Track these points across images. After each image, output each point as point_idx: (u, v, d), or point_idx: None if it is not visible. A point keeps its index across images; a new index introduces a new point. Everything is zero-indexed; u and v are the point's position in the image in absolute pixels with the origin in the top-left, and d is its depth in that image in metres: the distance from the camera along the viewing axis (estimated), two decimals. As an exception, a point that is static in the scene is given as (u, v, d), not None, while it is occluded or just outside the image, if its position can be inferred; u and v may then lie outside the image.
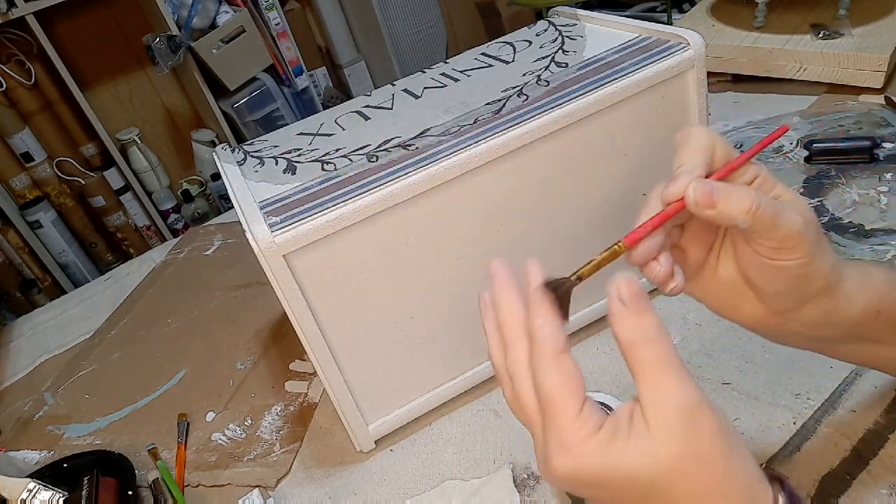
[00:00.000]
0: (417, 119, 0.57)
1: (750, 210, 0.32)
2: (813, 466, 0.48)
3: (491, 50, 0.68)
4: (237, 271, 0.96)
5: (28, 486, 0.56)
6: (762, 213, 0.32)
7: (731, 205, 0.32)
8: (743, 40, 1.00)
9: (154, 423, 0.72)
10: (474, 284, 0.57)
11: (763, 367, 0.57)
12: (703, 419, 0.28)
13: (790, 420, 0.52)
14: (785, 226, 0.33)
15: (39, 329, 0.97)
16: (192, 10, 1.97)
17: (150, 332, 0.88)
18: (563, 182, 0.56)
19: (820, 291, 0.35)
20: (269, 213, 0.49)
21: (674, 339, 0.62)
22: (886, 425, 0.49)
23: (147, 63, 2.17)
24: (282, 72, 2.24)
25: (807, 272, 0.34)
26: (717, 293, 0.39)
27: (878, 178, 0.74)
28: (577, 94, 0.53)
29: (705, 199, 0.33)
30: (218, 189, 2.28)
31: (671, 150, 0.37)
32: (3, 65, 1.93)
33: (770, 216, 0.32)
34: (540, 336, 0.30)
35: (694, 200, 0.33)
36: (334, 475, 0.60)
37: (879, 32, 0.92)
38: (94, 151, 2.15)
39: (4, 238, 2.00)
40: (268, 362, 0.76)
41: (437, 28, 2.45)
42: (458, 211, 0.53)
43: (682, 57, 0.56)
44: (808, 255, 0.33)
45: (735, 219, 0.33)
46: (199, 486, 0.63)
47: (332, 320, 0.52)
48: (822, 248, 0.34)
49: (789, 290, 0.35)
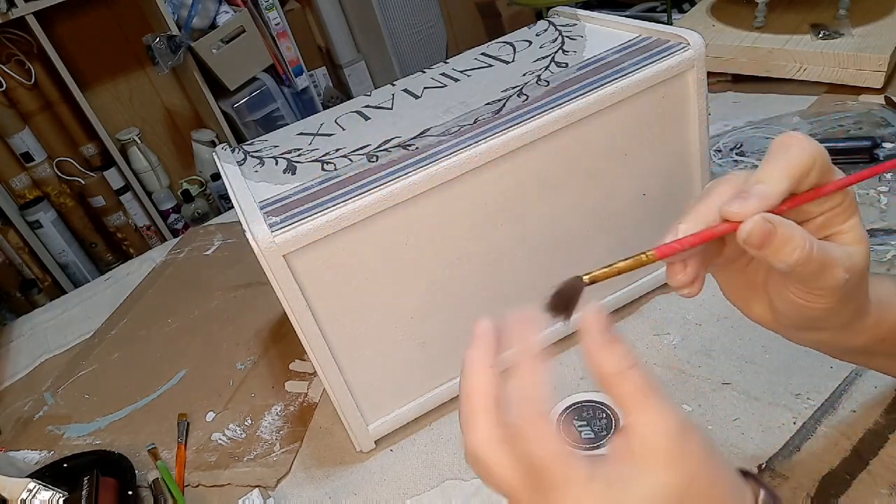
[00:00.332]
0: (417, 119, 0.57)
1: (797, 263, 0.30)
2: (813, 466, 0.48)
3: (491, 50, 0.68)
4: (237, 271, 0.96)
5: (28, 486, 0.56)
6: (806, 267, 0.30)
7: (780, 253, 0.30)
8: (743, 40, 1.00)
9: (154, 423, 0.72)
10: (474, 284, 0.57)
11: (763, 367, 0.57)
12: (691, 439, 0.28)
13: (790, 420, 0.52)
14: (825, 279, 0.31)
15: (39, 329, 0.97)
16: (192, 10, 1.97)
17: (150, 332, 0.88)
18: (563, 182, 0.56)
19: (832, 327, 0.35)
20: (269, 213, 0.49)
21: (673, 339, 0.62)
22: (886, 425, 0.49)
23: (147, 63, 2.17)
24: (282, 72, 2.24)
25: (827, 315, 0.33)
26: (735, 284, 0.38)
27: (878, 178, 0.74)
28: (577, 94, 0.53)
29: (758, 241, 0.30)
30: (218, 189, 2.28)
31: (671, 150, 0.37)
32: (3, 65, 1.93)
33: (813, 272, 0.31)
34: (531, 402, 0.28)
35: (746, 236, 0.30)
36: (334, 475, 0.60)
37: (879, 32, 0.92)
38: (94, 151, 2.15)
39: (4, 238, 2.00)
40: (268, 362, 0.76)
41: (437, 28, 2.45)
42: (458, 211, 0.53)
43: (682, 57, 0.56)
44: (837, 303, 0.32)
45: (776, 264, 0.31)
46: (199, 486, 0.63)
47: (332, 320, 0.52)
48: (856, 294, 0.33)
49: (803, 321, 0.34)
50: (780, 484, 0.47)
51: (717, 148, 0.88)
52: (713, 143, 0.88)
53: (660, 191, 0.61)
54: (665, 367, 0.60)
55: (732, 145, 0.88)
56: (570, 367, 0.63)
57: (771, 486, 0.29)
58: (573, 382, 0.61)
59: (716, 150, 0.88)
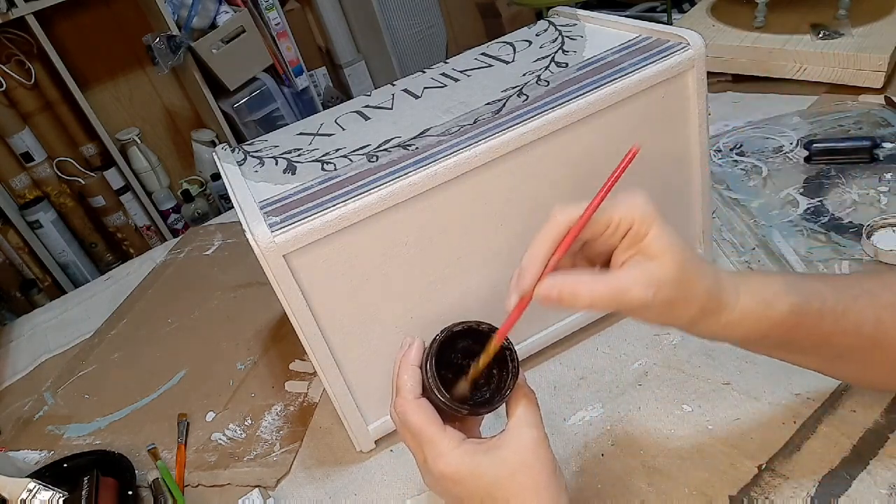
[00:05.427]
0: (417, 119, 0.57)
1: (590, 307, 0.37)
2: (813, 466, 0.48)
3: (491, 50, 0.68)
4: (237, 271, 0.96)
5: (28, 486, 0.56)
6: (601, 305, 0.37)
7: (575, 304, 0.37)
8: (743, 40, 1.00)
9: (154, 423, 0.72)
10: (474, 284, 0.57)
11: (763, 367, 0.57)
12: (543, 451, 0.39)
13: (790, 419, 0.52)
14: (627, 303, 0.36)
15: (39, 329, 0.97)
16: (192, 10, 1.97)
17: (150, 332, 0.88)
18: (563, 182, 0.56)
19: (700, 315, 0.38)
20: (269, 213, 0.49)
21: (673, 339, 0.62)
22: (886, 425, 0.49)
23: (147, 63, 2.17)
24: (282, 72, 2.24)
25: (672, 314, 0.38)
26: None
27: (878, 178, 0.74)
28: (577, 94, 0.53)
29: (551, 303, 0.37)
30: (218, 189, 2.28)
31: (671, 150, 0.37)
32: (3, 65, 1.93)
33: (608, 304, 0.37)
34: (404, 391, 0.41)
35: (542, 302, 0.38)
36: (334, 475, 0.60)
37: (879, 32, 0.92)
38: (94, 151, 2.15)
39: (4, 238, 2.00)
40: (268, 362, 0.76)
41: (437, 28, 2.45)
42: (458, 211, 0.53)
43: (682, 57, 0.56)
44: (664, 308, 0.37)
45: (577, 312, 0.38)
46: (199, 486, 0.63)
47: (332, 320, 0.52)
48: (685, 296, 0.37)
49: (667, 321, 0.39)
50: (780, 484, 0.47)
51: (717, 148, 0.88)
52: (713, 143, 0.88)
53: (660, 191, 0.61)
54: (665, 367, 0.60)
55: (732, 145, 0.88)
56: (570, 366, 0.63)
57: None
58: (573, 382, 0.61)
59: (716, 150, 0.88)
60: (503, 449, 0.39)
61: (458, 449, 0.39)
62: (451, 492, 0.40)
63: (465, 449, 0.39)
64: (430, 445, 0.40)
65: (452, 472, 0.39)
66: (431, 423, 0.40)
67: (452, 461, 0.39)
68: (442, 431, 0.40)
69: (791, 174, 0.79)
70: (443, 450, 0.39)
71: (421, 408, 0.41)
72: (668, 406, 0.56)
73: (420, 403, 0.41)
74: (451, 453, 0.39)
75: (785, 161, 0.81)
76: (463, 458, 0.39)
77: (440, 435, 0.40)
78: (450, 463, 0.39)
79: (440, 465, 0.39)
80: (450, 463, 0.39)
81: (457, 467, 0.39)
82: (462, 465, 0.39)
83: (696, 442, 0.52)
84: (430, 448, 0.40)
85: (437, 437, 0.40)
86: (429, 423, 0.40)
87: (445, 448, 0.39)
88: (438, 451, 0.39)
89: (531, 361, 0.64)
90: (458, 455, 0.39)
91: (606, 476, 0.52)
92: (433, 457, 0.39)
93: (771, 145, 0.85)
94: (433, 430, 0.40)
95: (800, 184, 0.77)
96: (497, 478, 0.38)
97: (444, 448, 0.39)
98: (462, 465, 0.39)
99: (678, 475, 0.50)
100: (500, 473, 0.38)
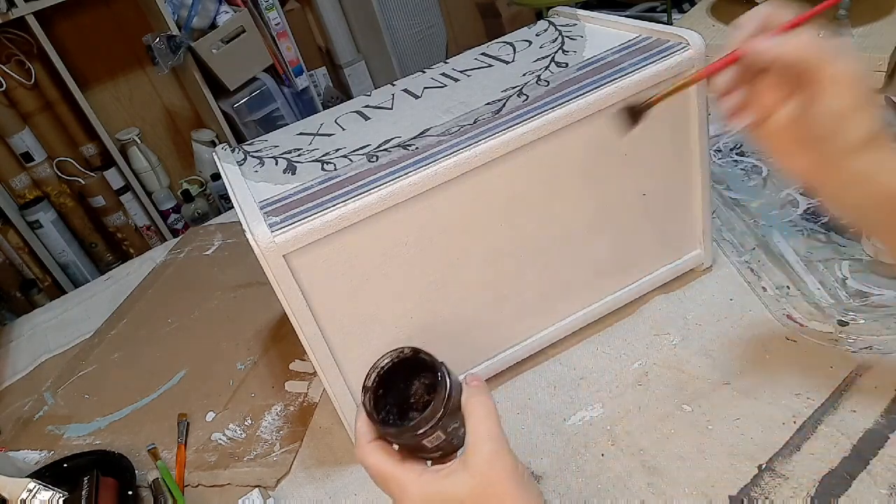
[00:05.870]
0: (417, 119, 0.57)
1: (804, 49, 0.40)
2: (813, 466, 0.48)
3: (491, 50, 0.68)
4: (237, 271, 0.96)
5: (28, 486, 0.56)
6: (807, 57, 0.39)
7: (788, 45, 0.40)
8: (743, 40, 1.00)
9: (154, 423, 0.72)
10: (474, 284, 0.57)
11: (763, 367, 0.57)
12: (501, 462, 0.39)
13: (790, 419, 0.52)
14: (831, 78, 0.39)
15: (39, 329, 0.97)
16: (192, 10, 1.97)
17: (150, 332, 0.88)
18: (562, 182, 0.56)
19: (862, 143, 0.40)
20: (269, 213, 0.49)
21: (673, 339, 0.62)
22: (886, 425, 0.49)
23: (147, 63, 2.17)
24: (282, 72, 2.24)
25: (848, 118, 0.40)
26: (777, 138, 0.44)
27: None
28: (577, 94, 0.53)
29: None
30: (218, 189, 2.28)
31: (671, 150, 0.38)
32: (3, 65, 1.92)
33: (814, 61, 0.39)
34: (359, 437, 0.42)
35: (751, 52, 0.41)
36: (334, 475, 0.60)
37: (879, 32, 0.92)
38: (94, 151, 2.15)
39: (4, 238, 2.00)
40: (268, 362, 0.76)
41: (437, 28, 2.45)
42: (458, 211, 0.53)
43: (682, 57, 0.56)
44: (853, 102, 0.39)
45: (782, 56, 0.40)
46: (199, 486, 0.63)
47: (332, 320, 0.52)
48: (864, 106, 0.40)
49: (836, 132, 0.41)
50: (780, 484, 0.47)
51: (717, 148, 0.88)
52: (713, 143, 0.88)
53: (660, 191, 0.61)
54: (665, 367, 0.60)
55: (732, 145, 0.88)
56: (570, 366, 0.63)
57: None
58: (573, 382, 0.61)
59: (716, 150, 0.88)
60: (462, 471, 0.39)
61: (419, 480, 0.40)
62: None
63: (426, 479, 0.40)
64: (394, 483, 0.40)
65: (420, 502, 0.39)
66: (388, 461, 0.41)
67: (416, 492, 0.39)
68: (400, 466, 0.41)
69: (791, 174, 0.79)
70: (405, 483, 0.40)
71: (376, 450, 0.41)
72: (668, 406, 0.56)
73: (374, 446, 0.41)
74: (413, 485, 0.40)
75: (785, 161, 0.81)
76: (426, 488, 0.39)
77: (399, 470, 0.40)
78: (414, 494, 0.39)
79: (406, 500, 0.40)
80: (414, 494, 0.39)
81: (422, 498, 0.39)
82: (426, 494, 0.39)
83: (696, 442, 0.52)
84: (395, 485, 0.40)
85: (397, 472, 0.40)
86: (385, 461, 0.41)
87: (407, 481, 0.40)
88: (401, 486, 0.40)
89: (531, 361, 0.64)
90: (420, 485, 0.39)
91: (606, 476, 0.52)
92: (399, 493, 0.40)
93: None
94: (390, 466, 0.41)
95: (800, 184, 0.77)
96: (462, 500, 0.38)
97: (406, 481, 0.40)
98: (426, 494, 0.39)
99: (678, 475, 0.50)
100: (464, 495, 0.38)
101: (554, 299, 0.62)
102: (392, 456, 0.41)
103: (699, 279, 0.68)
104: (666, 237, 0.64)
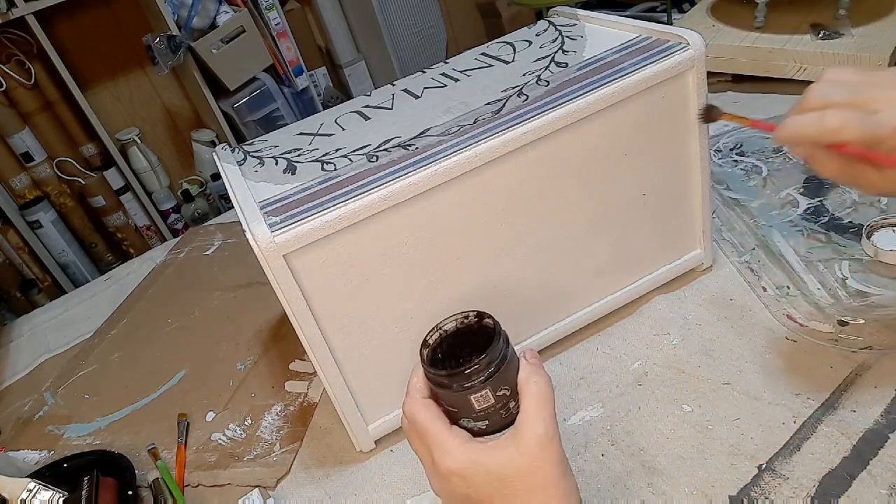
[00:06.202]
0: (417, 119, 0.57)
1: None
2: (813, 466, 0.48)
3: (491, 50, 0.68)
4: (237, 271, 0.96)
5: (28, 486, 0.56)
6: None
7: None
8: (743, 40, 1.00)
9: (154, 423, 0.72)
10: (474, 284, 0.57)
11: (763, 367, 0.57)
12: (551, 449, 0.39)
13: (790, 419, 0.52)
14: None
15: (39, 329, 0.97)
16: (192, 10, 1.97)
17: (150, 332, 0.88)
18: (562, 182, 0.56)
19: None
20: (269, 213, 0.49)
21: (673, 339, 0.62)
22: (886, 425, 0.49)
23: (147, 63, 2.17)
24: (282, 72, 2.24)
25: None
26: (842, 166, 0.45)
27: (878, 178, 0.73)
28: (577, 94, 0.53)
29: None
30: (218, 189, 2.28)
31: (671, 150, 0.37)
32: (3, 65, 1.92)
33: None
34: (412, 390, 0.42)
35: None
36: (334, 475, 0.60)
37: (879, 32, 0.92)
38: (94, 151, 2.15)
39: (4, 238, 2.00)
40: (268, 362, 0.76)
41: (437, 28, 2.45)
42: (458, 211, 0.53)
43: (682, 57, 0.56)
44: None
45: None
46: (199, 486, 0.63)
47: (332, 320, 0.52)
48: None
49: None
50: (780, 484, 0.47)
51: (717, 148, 0.88)
52: (713, 143, 0.88)
53: (660, 191, 0.61)
54: (665, 367, 0.60)
55: (732, 145, 0.88)
56: (570, 366, 0.63)
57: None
58: (573, 382, 0.61)
59: (716, 150, 0.88)
60: (511, 447, 0.38)
61: (464, 446, 0.39)
62: (458, 491, 0.40)
63: (471, 447, 0.39)
64: (437, 444, 0.40)
65: (460, 468, 0.39)
66: (437, 421, 0.40)
67: (459, 457, 0.39)
68: (448, 429, 0.40)
69: (791, 174, 0.79)
70: (449, 447, 0.39)
71: (427, 407, 0.41)
72: (668, 406, 0.56)
73: (427, 403, 0.41)
74: (457, 450, 0.39)
75: (785, 161, 0.81)
76: (469, 455, 0.39)
77: (446, 433, 0.40)
78: (457, 459, 0.39)
79: (447, 462, 0.39)
80: (457, 459, 0.39)
81: (464, 464, 0.39)
82: (469, 461, 0.39)
83: (696, 442, 0.52)
84: (437, 446, 0.40)
85: (444, 434, 0.40)
86: (434, 420, 0.40)
87: (452, 445, 0.39)
88: (445, 449, 0.39)
89: (531, 361, 0.64)
90: (464, 452, 0.39)
91: (606, 476, 0.52)
92: (440, 455, 0.39)
93: (771, 145, 0.85)
94: (439, 427, 0.40)
95: (800, 184, 0.77)
96: (504, 476, 0.38)
97: (451, 445, 0.39)
98: (469, 461, 0.39)
99: (678, 475, 0.50)
100: (508, 472, 0.38)
101: (554, 299, 0.62)
102: (442, 417, 0.41)
103: (699, 279, 0.68)
104: (666, 237, 0.64)
